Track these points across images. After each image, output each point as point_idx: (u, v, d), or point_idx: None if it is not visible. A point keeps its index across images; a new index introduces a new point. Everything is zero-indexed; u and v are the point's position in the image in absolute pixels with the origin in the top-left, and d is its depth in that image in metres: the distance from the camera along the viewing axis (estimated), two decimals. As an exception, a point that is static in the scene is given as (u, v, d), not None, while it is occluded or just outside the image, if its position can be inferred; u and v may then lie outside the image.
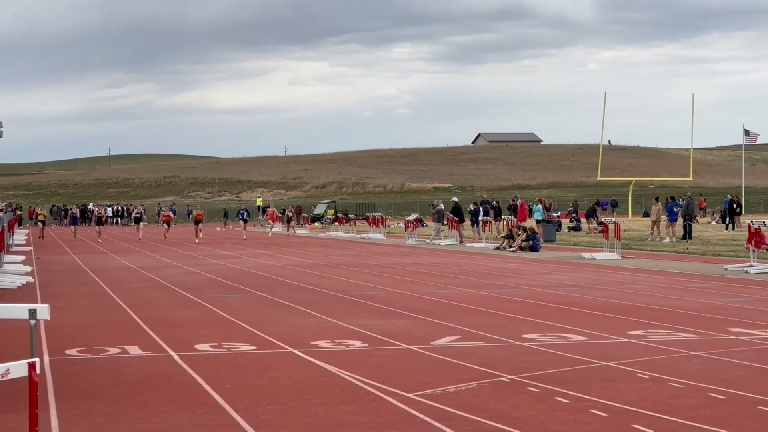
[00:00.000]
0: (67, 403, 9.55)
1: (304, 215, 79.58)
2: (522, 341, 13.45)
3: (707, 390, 9.87)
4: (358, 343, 13.44)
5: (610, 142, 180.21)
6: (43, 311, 9.32)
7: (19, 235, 53.77)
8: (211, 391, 10.08)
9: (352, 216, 71.77)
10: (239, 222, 59.29)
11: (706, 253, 33.41)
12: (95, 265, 31.45)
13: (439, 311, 17.29)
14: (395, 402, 9.46)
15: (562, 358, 12.01)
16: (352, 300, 19.57)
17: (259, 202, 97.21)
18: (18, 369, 6.47)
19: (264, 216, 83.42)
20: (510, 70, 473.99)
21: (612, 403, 9.25)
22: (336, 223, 65.96)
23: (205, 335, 14.37)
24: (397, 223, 66.26)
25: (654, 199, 46.40)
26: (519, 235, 38.09)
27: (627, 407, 9.09)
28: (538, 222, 44.93)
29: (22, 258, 33.98)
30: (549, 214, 48.98)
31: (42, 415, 9.02)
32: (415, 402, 9.42)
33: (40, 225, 60.68)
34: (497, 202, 52.88)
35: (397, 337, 13.92)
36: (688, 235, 42.51)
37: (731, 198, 56.73)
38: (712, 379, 10.43)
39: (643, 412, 8.89)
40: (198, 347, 13.17)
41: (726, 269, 25.91)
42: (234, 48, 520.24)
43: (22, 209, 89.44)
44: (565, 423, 8.54)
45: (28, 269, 28.56)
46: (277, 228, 69.58)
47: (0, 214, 39.12)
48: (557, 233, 46.64)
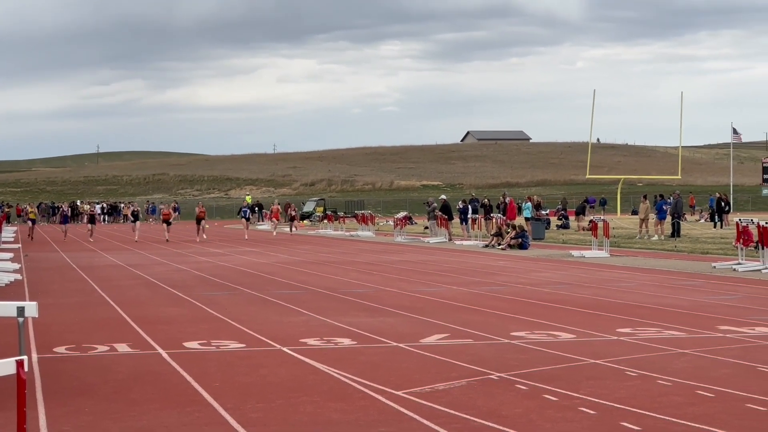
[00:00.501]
0: (56, 401, 9.53)
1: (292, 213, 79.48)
2: (511, 339, 13.46)
3: (695, 388, 9.89)
4: (347, 341, 13.43)
5: (598, 140, 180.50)
6: (32, 309, 9.30)
7: (8, 233, 53.59)
8: (200, 389, 10.07)
9: (341, 214, 71.75)
10: (241, 220, 55.36)
11: (694, 251, 33.49)
12: (83, 263, 31.39)
13: (428, 309, 17.29)
14: (384, 400, 9.46)
15: (550, 355, 12.03)
16: (341, 298, 19.56)
17: (248, 199, 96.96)
18: (6, 367, 6.45)
19: (253, 214, 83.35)
20: (498, 67, 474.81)
21: (600, 401, 9.27)
22: (325, 221, 65.90)
23: (194, 333, 14.35)
24: (386, 221, 66.27)
25: (642, 197, 46.49)
26: (508, 233, 38.13)
27: (615, 405, 9.11)
28: (527, 220, 44.98)
29: (10, 255, 33.89)
30: (538, 212, 49.04)
31: (30, 413, 8.99)
32: (404, 400, 9.43)
33: (29, 223, 55.07)
34: (488, 200, 52.87)
35: (386, 335, 13.92)
36: (676, 233, 42.62)
37: (719, 196, 56.89)
38: (700, 377, 10.45)
39: (632, 409, 8.90)
40: (187, 345, 13.16)
41: (714, 267, 25.97)
42: (222, 45, 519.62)
43: (11, 207, 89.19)
44: (554, 420, 8.55)
45: (16, 267, 28.49)
46: (265, 225, 69.45)
47: None
48: (546, 231, 46.69)
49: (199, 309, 17.72)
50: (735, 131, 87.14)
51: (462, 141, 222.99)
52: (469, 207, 47.81)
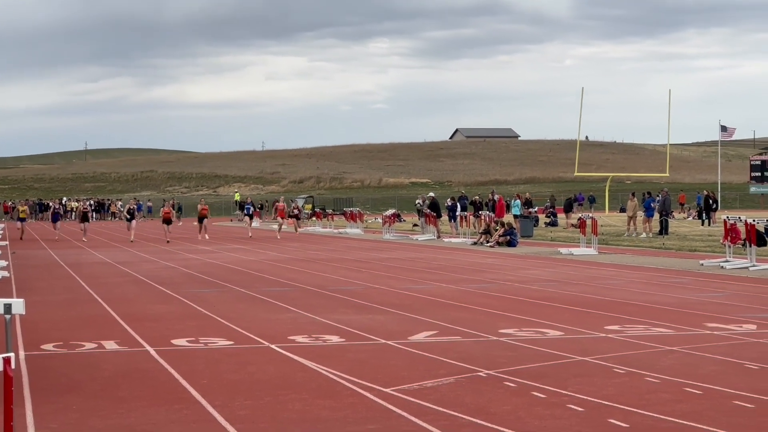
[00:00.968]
0: (43, 398, 9.51)
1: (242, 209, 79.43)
2: (499, 336, 13.47)
3: (683, 385, 9.91)
4: (335, 338, 13.43)
5: (587, 137, 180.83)
6: (18, 306, 9.27)
7: (-5, 230, 53.39)
8: (188, 386, 10.06)
9: (329, 211, 71.70)
10: (245, 218, 52.59)
11: (682, 249, 33.57)
12: (71, 260, 31.32)
13: (417, 306, 17.30)
14: (372, 397, 9.46)
15: (538, 353, 12.04)
16: (329, 295, 19.55)
17: (237, 197, 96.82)
18: (-7, 364, 6.43)
19: (242, 212, 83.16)
20: (487, 65, 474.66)
21: (588, 398, 9.28)
22: (313, 218, 65.85)
23: (182, 330, 14.33)
24: (375, 218, 66.29)
25: (631, 195, 46.59)
26: (496, 230, 38.17)
27: (603, 402, 9.12)
28: (515, 217, 45.05)
29: (-3, 252, 33.77)
30: (527, 209, 49.10)
31: (17, 410, 8.97)
32: (393, 397, 9.43)
33: (19, 223, 49.99)
34: (479, 196, 52.86)
35: (375, 332, 13.92)
36: (664, 231, 42.71)
37: (707, 194, 57.03)
38: (687, 374, 10.47)
39: (619, 406, 8.92)
40: (175, 342, 13.14)
41: (702, 264, 26.04)
42: (211, 42, 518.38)
43: None
44: (542, 418, 8.56)
45: (3, 264, 28.40)
46: (255, 223, 69.32)
47: None
48: (534, 228, 46.76)
49: (188, 306, 17.70)
50: (724, 128, 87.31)
51: (451, 138, 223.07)
52: (458, 204, 47.83)
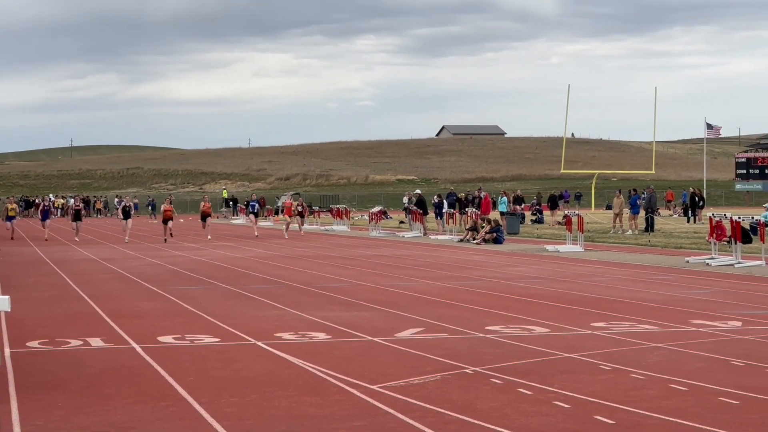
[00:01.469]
0: (28, 395, 9.48)
1: (267, 207, 79.38)
2: (485, 333, 13.48)
3: (668, 381, 9.94)
4: (321, 335, 13.42)
5: (573, 135, 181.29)
6: (4, 303, 9.23)
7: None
8: (174, 384, 10.04)
9: (316, 208, 71.63)
10: (249, 216, 49.74)
11: (668, 246, 33.65)
12: (57, 257, 31.23)
13: (403, 303, 17.30)
14: (359, 394, 9.46)
15: (525, 349, 12.06)
16: (315, 292, 19.54)
17: (225, 194, 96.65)
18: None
19: (228, 209, 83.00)
20: (474, 62, 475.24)
21: (574, 395, 9.30)
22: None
23: (168, 327, 14.30)
24: (362, 215, 66.24)
25: (617, 192, 46.67)
26: (483, 228, 38.21)
27: (589, 398, 9.14)
28: (502, 214, 45.10)
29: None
30: (514, 206, 49.15)
31: (2, 407, 8.95)
32: (379, 394, 9.43)
33: (8, 222, 45.25)
34: (470, 192, 52.81)
35: (361, 329, 13.92)
36: (650, 228, 42.81)
37: (693, 191, 57.18)
38: (673, 371, 10.50)
39: (605, 403, 8.94)
40: (161, 339, 13.11)
41: (687, 261, 26.11)
42: (197, 39, 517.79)
43: None
44: (528, 414, 8.57)
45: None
46: (240, 220, 69.22)
47: None
48: (521, 226, 46.82)
49: (174, 303, 17.66)
50: (710, 126, 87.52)
51: (437, 135, 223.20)
52: (444, 202, 47.83)
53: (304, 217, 49.30)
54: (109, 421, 8.46)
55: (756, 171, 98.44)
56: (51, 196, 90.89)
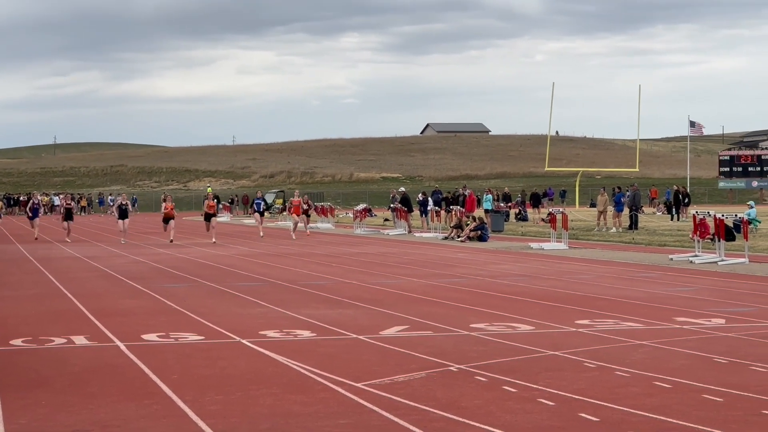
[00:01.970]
0: (12, 394, 9.44)
1: (251, 205, 79.30)
2: (470, 331, 13.49)
3: (653, 379, 9.96)
4: (306, 333, 13.41)
5: (557, 132, 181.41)
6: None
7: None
8: (158, 381, 10.02)
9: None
10: (254, 214, 46.68)
11: (651, 243, 33.75)
12: (40, 255, 31.11)
13: (388, 301, 17.30)
14: (344, 392, 9.45)
15: (509, 347, 12.07)
16: (300, 290, 19.53)
17: (209, 191, 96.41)
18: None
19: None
20: (458, 60, 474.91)
21: (559, 392, 9.31)
22: (284, 213, 65.66)
23: (152, 325, 14.27)
24: (346, 213, 66.23)
25: (601, 190, 46.80)
26: (468, 225, 38.26)
27: (574, 396, 9.15)
28: (486, 212, 45.16)
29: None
30: (498, 204, 49.20)
31: (-14, 406, 8.91)
32: (364, 391, 9.42)
33: None
34: (457, 190, 52.73)
35: (346, 327, 13.91)
36: (634, 226, 42.92)
37: (677, 189, 57.37)
38: (657, 368, 10.53)
39: (590, 400, 8.95)
40: (145, 337, 13.08)
41: (671, 259, 26.18)
42: (181, 36, 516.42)
43: None
44: (513, 412, 8.58)
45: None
46: (225, 218, 69.15)
47: None
48: (505, 223, 46.89)
49: (158, 301, 17.62)
50: (693, 124, 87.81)
51: (421, 133, 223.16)
52: (429, 199, 47.87)
53: (309, 216, 46.31)
54: (93, 420, 8.43)
55: (739, 169, 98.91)
56: (37, 194, 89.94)
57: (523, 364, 10.92)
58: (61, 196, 72.67)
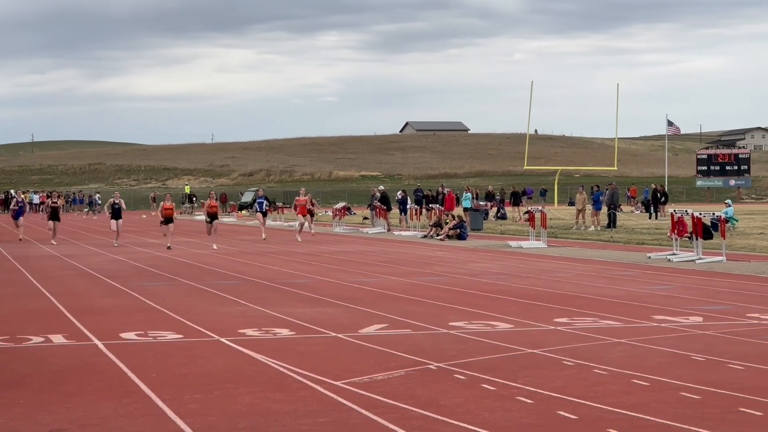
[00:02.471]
0: (-11, 393, 9.39)
1: (231, 203, 79.15)
2: (449, 329, 13.51)
3: (631, 377, 10.01)
4: (285, 332, 13.40)
5: (536, 131, 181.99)
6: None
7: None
8: (137, 380, 9.99)
9: (279, 204, 71.48)
10: (256, 214, 43.13)
11: (630, 242, 33.87)
12: (17, 253, 30.96)
13: (367, 299, 17.31)
14: (323, 390, 9.45)
15: (488, 345, 12.10)
16: (279, 288, 19.51)
17: (187, 189, 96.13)
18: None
19: (191, 204, 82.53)
20: (437, 59, 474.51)
21: (538, 390, 9.34)
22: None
23: (131, 323, 14.22)
24: (325, 212, 66.18)
25: (580, 189, 46.95)
26: (447, 223, 38.30)
27: (552, 394, 9.18)
28: (465, 210, 45.22)
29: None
30: (476, 203, 49.25)
31: (-37, 405, 8.86)
32: (343, 390, 9.43)
33: None
34: (437, 189, 52.69)
35: (325, 326, 13.91)
36: (612, 224, 43.08)
37: (655, 187, 57.60)
38: (635, 366, 10.57)
39: (568, 398, 8.98)
40: (123, 336, 13.04)
41: (649, 257, 26.29)
42: (160, 34, 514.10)
43: None
44: (492, 410, 8.60)
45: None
46: (202, 217, 68.75)
47: None
48: (484, 222, 46.97)
49: (136, 299, 17.57)
50: (670, 123, 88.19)
51: (401, 132, 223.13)
52: (408, 198, 47.88)
53: (314, 216, 42.69)
54: (71, 418, 8.40)
55: (716, 168, 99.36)
56: (12, 191, 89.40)
57: (502, 362, 10.94)
58: (42, 194, 71.13)
